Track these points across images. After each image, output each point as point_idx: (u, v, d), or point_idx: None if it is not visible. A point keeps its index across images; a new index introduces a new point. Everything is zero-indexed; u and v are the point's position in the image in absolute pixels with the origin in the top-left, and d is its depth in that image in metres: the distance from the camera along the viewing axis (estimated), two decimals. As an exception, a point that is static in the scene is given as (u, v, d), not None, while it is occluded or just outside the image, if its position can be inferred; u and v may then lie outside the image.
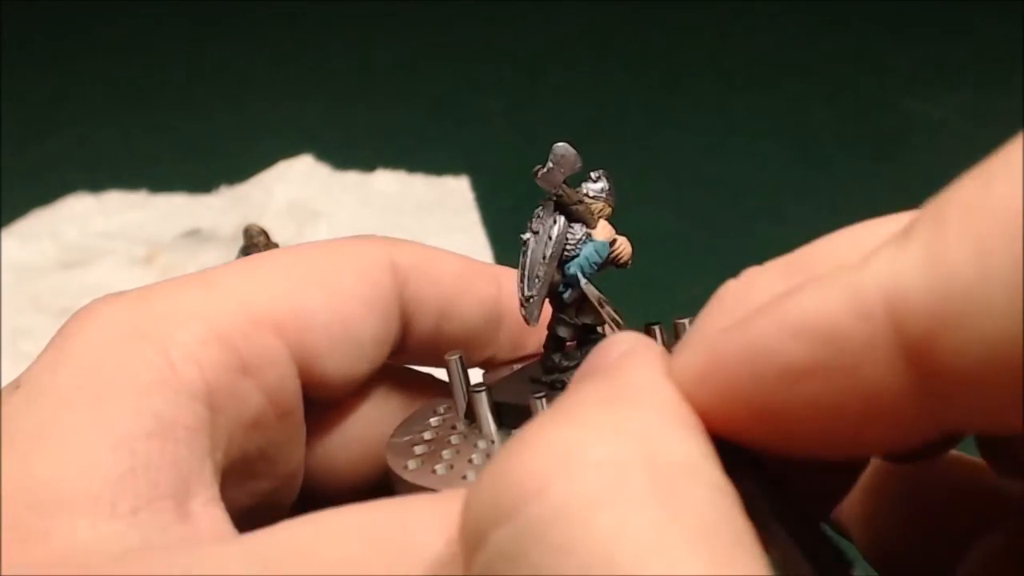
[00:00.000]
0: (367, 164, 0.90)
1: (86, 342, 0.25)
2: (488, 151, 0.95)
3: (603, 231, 0.27)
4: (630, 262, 0.28)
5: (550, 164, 0.27)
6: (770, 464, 0.20)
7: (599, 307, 0.27)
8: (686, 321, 0.28)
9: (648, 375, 0.19)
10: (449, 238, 0.79)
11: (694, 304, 0.21)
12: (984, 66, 1.10)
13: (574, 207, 0.27)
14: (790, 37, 1.24)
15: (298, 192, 0.85)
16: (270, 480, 0.29)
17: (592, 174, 0.28)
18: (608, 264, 0.28)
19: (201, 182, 0.89)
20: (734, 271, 0.22)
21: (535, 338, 0.31)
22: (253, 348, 0.26)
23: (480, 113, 1.07)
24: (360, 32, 1.33)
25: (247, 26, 1.37)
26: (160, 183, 0.89)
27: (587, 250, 0.27)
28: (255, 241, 0.77)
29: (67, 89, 1.21)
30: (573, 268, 0.28)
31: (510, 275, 0.29)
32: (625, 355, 0.20)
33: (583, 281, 0.27)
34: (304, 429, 0.29)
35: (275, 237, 0.83)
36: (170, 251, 0.78)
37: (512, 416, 0.27)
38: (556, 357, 0.28)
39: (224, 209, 0.85)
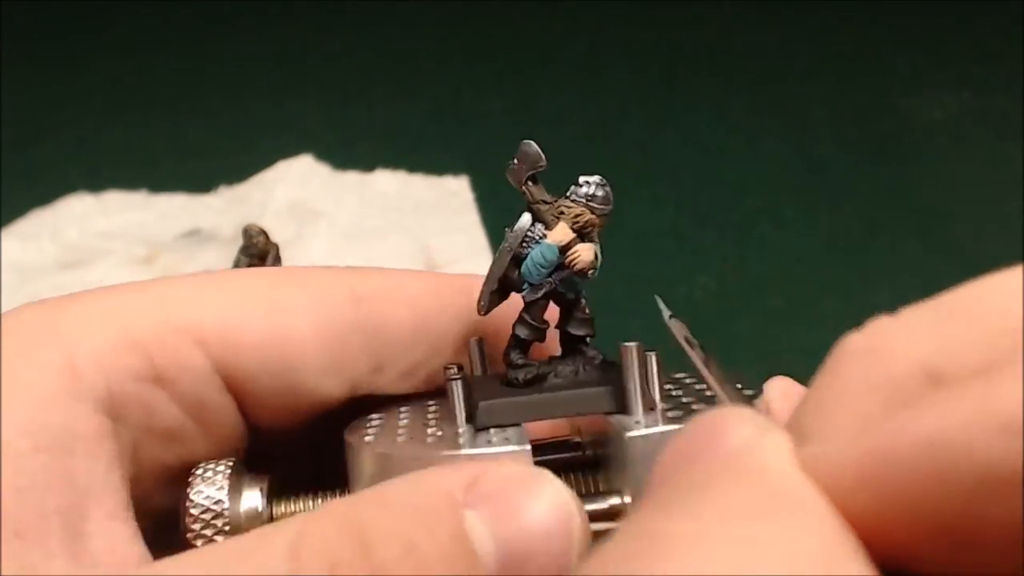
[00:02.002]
0: (367, 164, 0.90)
1: None
2: (488, 151, 0.95)
3: (557, 234, 0.27)
4: (590, 272, 0.27)
5: (515, 161, 0.27)
6: None
7: (686, 349, 0.26)
8: (652, 354, 0.27)
9: (794, 478, 0.15)
10: (449, 238, 0.79)
11: (694, 304, 0.21)
12: (984, 66, 1.10)
13: (535, 206, 0.27)
14: (790, 37, 1.23)
15: (298, 192, 0.85)
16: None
17: (583, 178, 0.28)
18: (566, 271, 0.27)
19: (201, 182, 0.89)
20: (734, 271, 0.22)
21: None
22: (168, 357, 0.26)
23: (480, 113, 1.07)
24: (360, 32, 1.33)
25: (247, 26, 1.37)
26: (160, 183, 0.89)
27: (535, 251, 0.27)
28: (255, 241, 0.77)
29: (67, 89, 1.20)
30: (524, 268, 0.27)
31: (479, 284, 0.29)
32: (749, 445, 0.16)
33: (667, 315, 0.27)
34: (243, 441, 0.28)
35: (275, 237, 0.83)
36: (170, 251, 0.78)
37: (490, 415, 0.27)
38: (513, 355, 0.28)
39: (224, 209, 0.85)
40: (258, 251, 0.71)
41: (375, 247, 0.77)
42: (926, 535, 0.15)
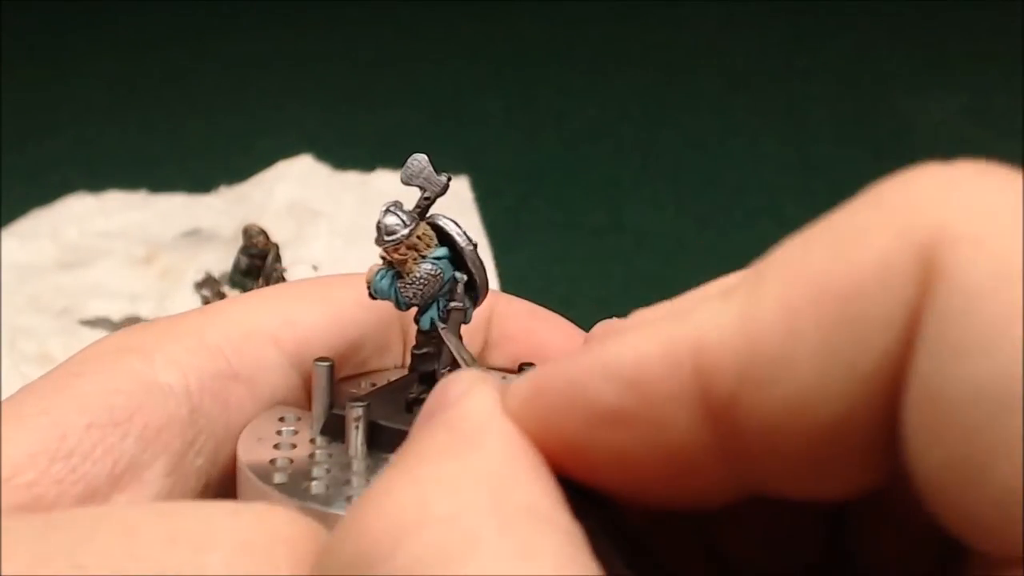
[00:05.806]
0: (367, 164, 0.90)
1: (80, 354, 0.26)
2: (488, 151, 0.95)
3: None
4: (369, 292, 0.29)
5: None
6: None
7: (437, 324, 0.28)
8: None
9: (487, 415, 0.18)
10: (449, 238, 0.78)
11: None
12: (984, 66, 1.10)
13: None
14: (790, 37, 1.23)
15: (298, 192, 0.85)
16: None
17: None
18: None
19: (201, 182, 0.89)
20: (734, 271, 0.21)
21: (522, 348, 0.32)
22: (245, 357, 0.27)
23: (480, 113, 1.07)
24: (360, 32, 1.33)
25: (247, 26, 1.37)
26: (160, 183, 0.89)
27: None
28: (255, 241, 0.77)
29: (67, 89, 1.21)
30: None
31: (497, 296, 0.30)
32: (462, 395, 0.19)
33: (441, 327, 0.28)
34: None
35: (275, 237, 0.83)
36: (170, 251, 0.78)
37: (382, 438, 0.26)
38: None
39: (224, 209, 0.85)
40: (258, 251, 0.71)
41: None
42: (565, 456, 0.18)
